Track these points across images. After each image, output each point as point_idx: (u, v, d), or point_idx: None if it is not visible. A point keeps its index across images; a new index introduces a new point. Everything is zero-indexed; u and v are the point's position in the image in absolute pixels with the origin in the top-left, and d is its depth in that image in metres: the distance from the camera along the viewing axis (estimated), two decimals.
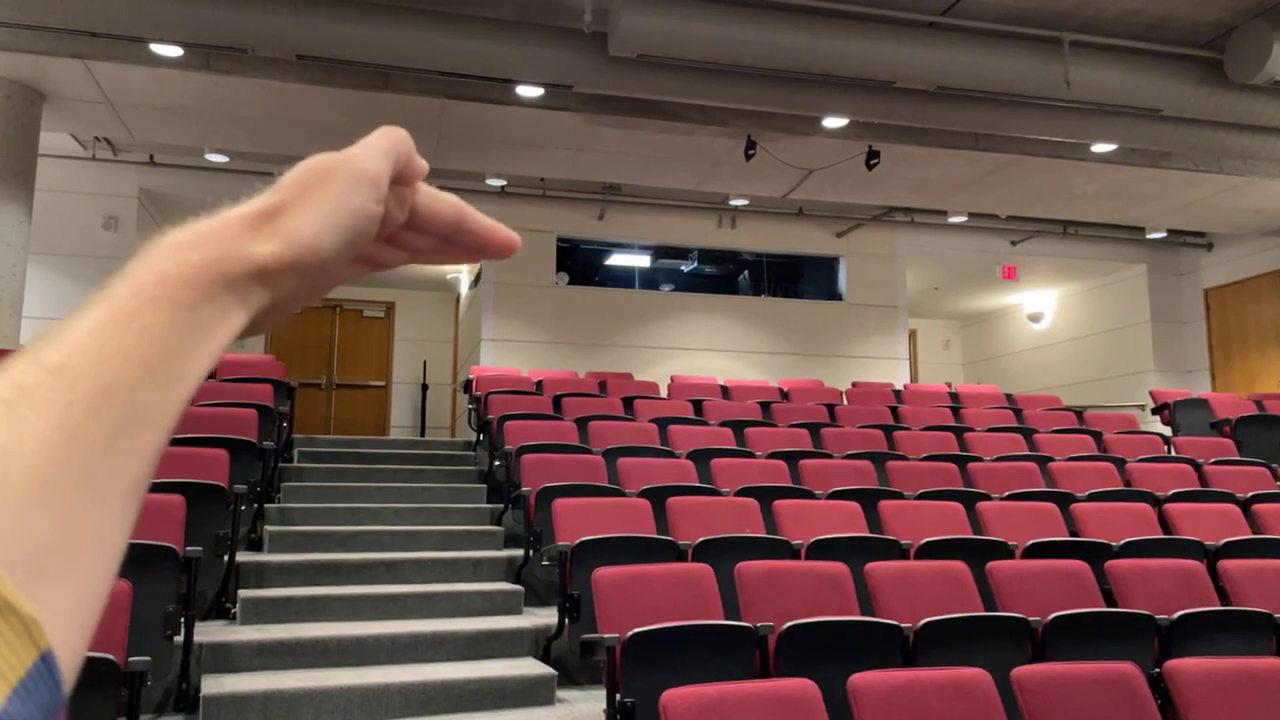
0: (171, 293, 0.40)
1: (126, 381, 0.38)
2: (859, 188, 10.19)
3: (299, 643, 4.57)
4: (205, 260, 0.42)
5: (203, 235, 0.43)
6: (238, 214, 0.44)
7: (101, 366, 0.37)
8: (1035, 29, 7.25)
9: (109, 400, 0.37)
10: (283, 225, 0.45)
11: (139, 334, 0.39)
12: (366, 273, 0.53)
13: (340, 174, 0.47)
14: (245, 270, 0.43)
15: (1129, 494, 6.61)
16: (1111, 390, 13.22)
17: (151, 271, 0.41)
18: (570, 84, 7.44)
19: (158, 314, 0.40)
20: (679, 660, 3.66)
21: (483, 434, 8.06)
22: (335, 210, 0.46)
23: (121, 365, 0.38)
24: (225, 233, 0.43)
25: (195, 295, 0.41)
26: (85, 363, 0.37)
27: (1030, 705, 3.23)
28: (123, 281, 0.40)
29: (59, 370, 0.36)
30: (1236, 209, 10.86)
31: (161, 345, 0.39)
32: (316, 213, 0.46)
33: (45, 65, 7.42)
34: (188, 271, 0.41)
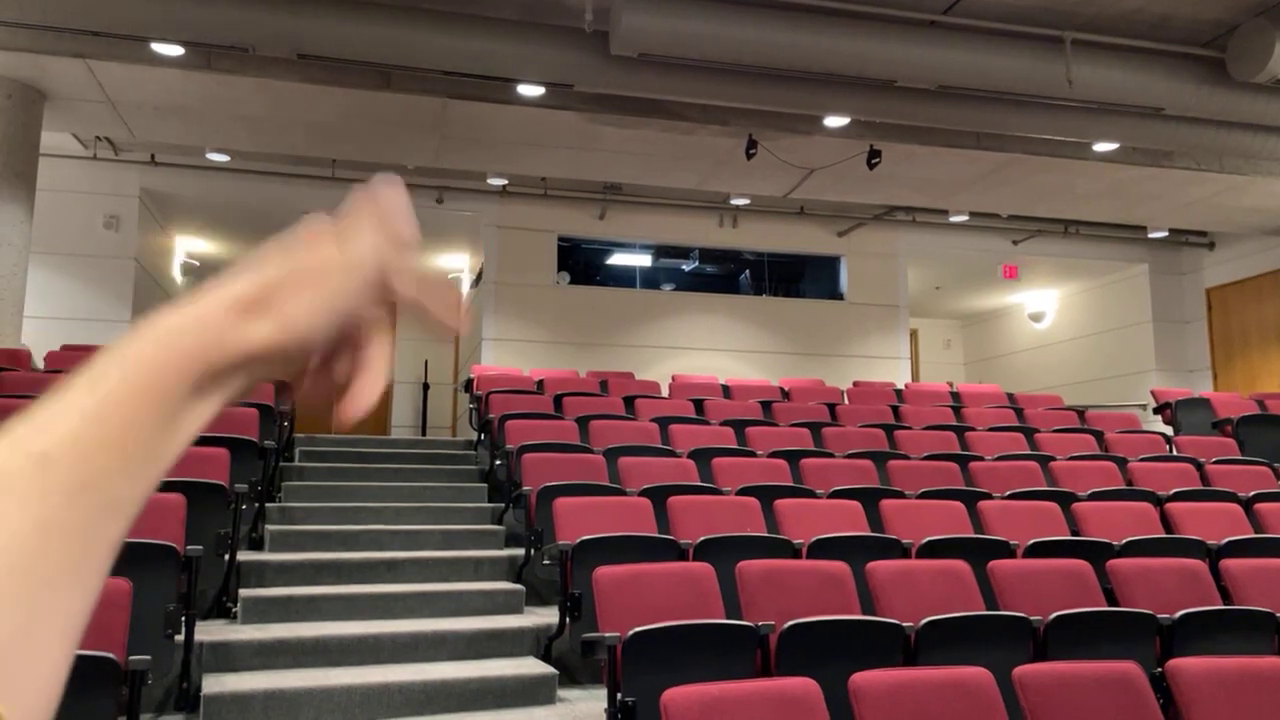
0: (159, 381, 0.41)
1: (105, 473, 0.39)
2: (860, 187, 10.19)
3: (300, 642, 4.57)
4: (196, 347, 0.42)
5: (196, 320, 0.43)
6: (229, 296, 0.44)
7: (83, 458, 0.38)
8: (1037, 28, 7.24)
9: (86, 492, 0.38)
10: (276, 311, 0.44)
11: (123, 425, 0.39)
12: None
13: (337, 273, 0.47)
14: (233, 358, 0.43)
15: (1131, 493, 6.60)
16: (1113, 390, 13.21)
17: (142, 356, 0.41)
18: (571, 83, 7.44)
19: (143, 403, 0.40)
20: (680, 659, 3.65)
21: (484, 433, 8.06)
22: (331, 309, 0.46)
23: (102, 456, 0.39)
24: (217, 318, 0.43)
25: (181, 384, 0.41)
26: (67, 453, 0.38)
27: (1032, 705, 3.22)
28: (113, 364, 0.40)
29: (41, 460, 0.37)
30: (1238, 208, 10.85)
31: (143, 436, 0.40)
32: (312, 306, 0.46)
33: (46, 64, 7.42)
34: (177, 359, 0.41)
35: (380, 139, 8.93)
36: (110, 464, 0.39)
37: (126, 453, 0.39)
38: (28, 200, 7.92)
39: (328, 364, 0.50)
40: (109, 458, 0.39)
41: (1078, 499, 6.34)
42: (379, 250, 0.49)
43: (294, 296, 0.45)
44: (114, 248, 10.11)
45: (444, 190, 10.92)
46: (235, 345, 0.43)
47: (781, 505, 5.59)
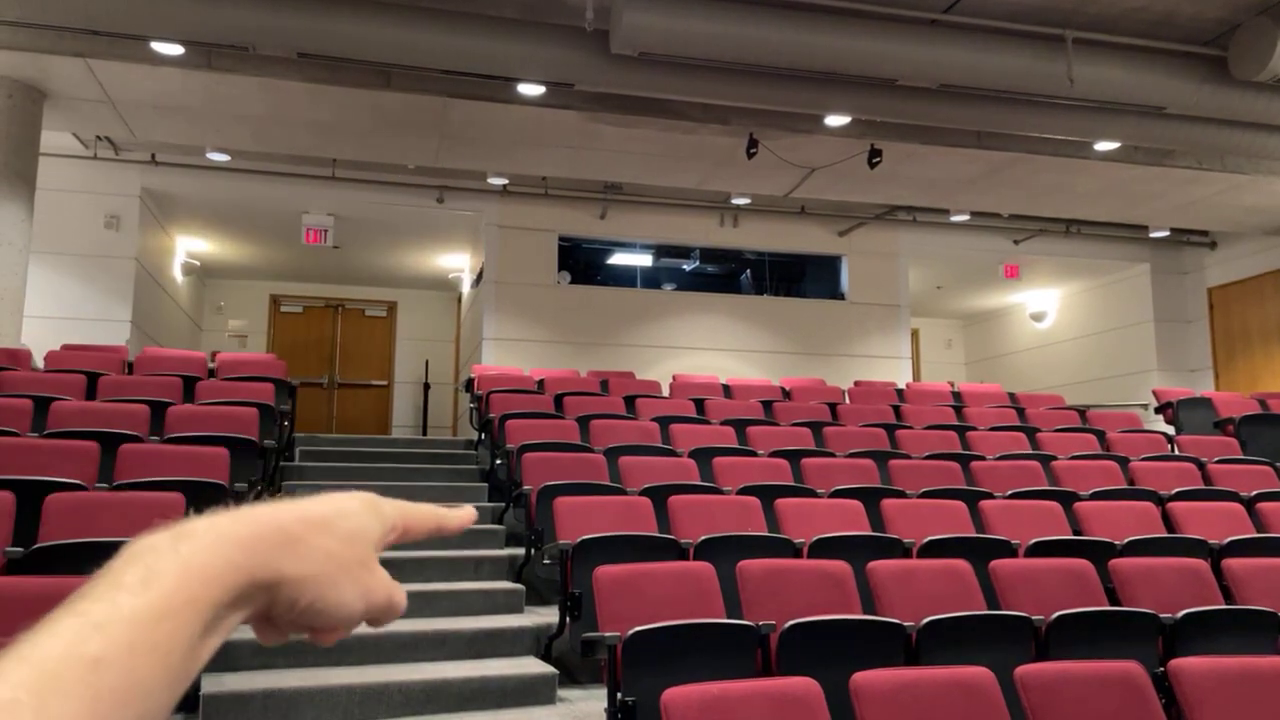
0: (207, 592, 0.43)
1: (149, 683, 0.40)
2: (861, 186, 10.18)
3: (299, 641, 4.54)
4: (245, 563, 0.44)
5: (248, 535, 0.45)
6: (273, 523, 0.47)
7: (131, 664, 0.39)
8: (1038, 26, 7.23)
9: (130, 697, 0.39)
10: (310, 551, 0.48)
11: (170, 634, 0.41)
12: None
13: (353, 563, 0.50)
14: (268, 579, 0.45)
15: (1132, 493, 6.59)
16: (1115, 389, 13.19)
17: (194, 564, 0.43)
18: (572, 82, 7.43)
19: (189, 615, 0.42)
20: (680, 659, 3.64)
21: (484, 433, 8.05)
22: (341, 592, 0.49)
23: (148, 666, 0.40)
24: (265, 539, 0.46)
25: (224, 597, 0.43)
26: (119, 659, 0.39)
27: (1033, 704, 3.21)
28: (167, 564, 0.42)
29: (95, 666, 0.38)
30: (1240, 207, 10.83)
31: (184, 646, 0.41)
32: (342, 558, 0.49)
33: (46, 64, 7.41)
34: (227, 572, 0.44)
35: (381, 138, 8.93)
36: (155, 674, 0.40)
37: (170, 663, 0.41)
38: (28, 200, 7.91)
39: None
40: (154, 668, 0.40)
41: (1079, 498, 6.33)
42: (376, 509, 0.53)
43: (323, 541, 0.48)
44: (114, 247, 10.10)
45: (444, 190, 10.91)
46: (275, 570, 0.46)
47: (782, 505, 5.58)
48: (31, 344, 8.12)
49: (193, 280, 13.04)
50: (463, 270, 13.28)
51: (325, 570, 0.48)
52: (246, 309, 14.06)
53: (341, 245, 12.03)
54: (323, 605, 0.48)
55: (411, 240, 12.17)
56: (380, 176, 10.74)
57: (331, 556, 0.48)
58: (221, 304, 13.98)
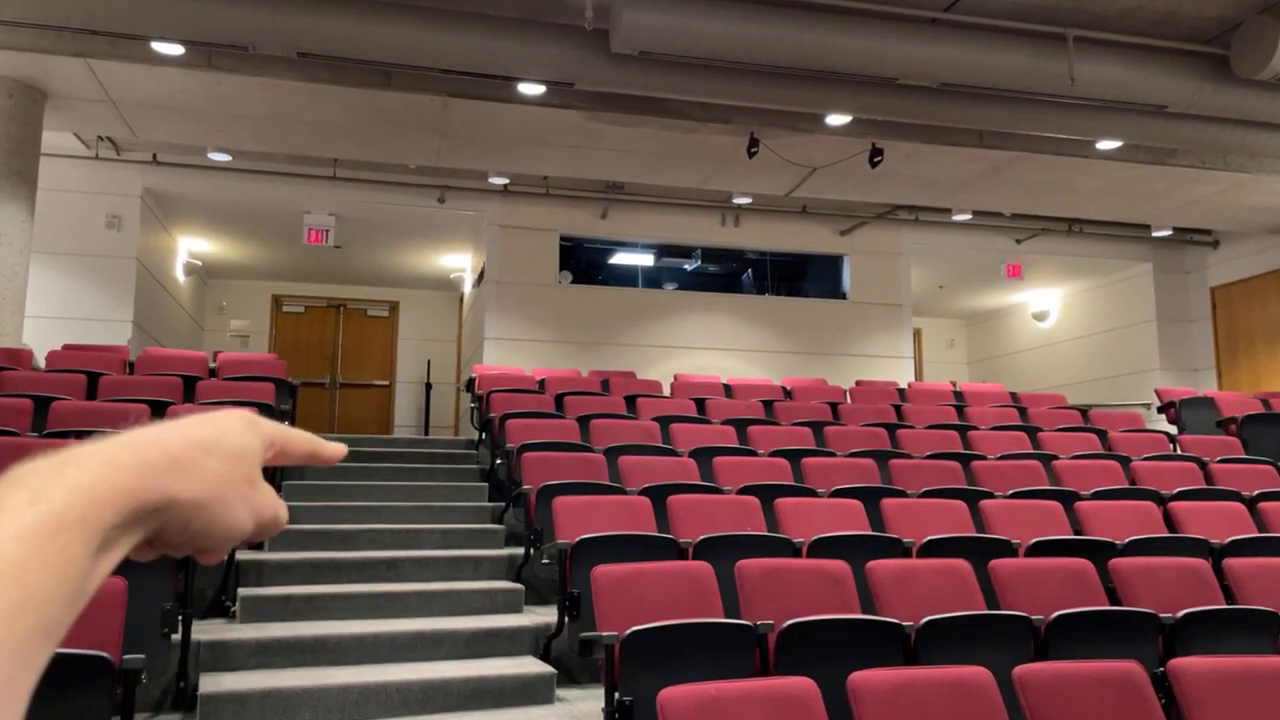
0: (97, 513, 0.42)
1: (43, 595, 0.39)
2: (863, 185, 10.16)
3: (298, 641, 4.55)
4: (134, 487, 0.44)
5: (135, 462, 0.45)
6: (158, 447, 0.47)
7: (25, 578, 0.39)
8: (1039, 25, 7.21)
9: (24, 610, 0.38)
10: (198, 474, 0.48)
11: (62, 550, 0.40)
12: None
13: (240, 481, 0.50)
14: (157, 503, 0.45)
15: (1134, 492, 6.57)
16: (1117, 389, 13.17)
17: (83, 483, 0.43)
18: (572, 81, 7.42)
19: (82, 533, 0.42)
20: (678, 658, 3.63)
21: (485, 432, 8.05)
22: (232, 512, 0.50)
23: (41, 578, 0.39)
24: (152, 465, 0.46)
25: (115, 520, 0.43)
26: (10, 571, 0.38)
27: (1032, 704, 3.19)
28: (56, 483, 0.42)
29: None
30: (1243, 206, 10.80)
31: (78, 563, 0.41)
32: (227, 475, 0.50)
33: (47, 64, 7.42)
34: (116, 496, 0.43)
35: (381, 138, 8.93)
36: (49, 588, 0.39)
37: (64, 578, 0.40)
38: (29, 200, 7.92)
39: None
40: (48, 582, 0.39)
41: (1080, 498, 6.31)
42: (256, 428, 0.54)
43: (209, 463, 0.48)
44: (116, 247, 10.11)
45: (445, 190, 10.91)
46: (162, 492, 0.45)
47: (782, 504, 5.57)
48: (32, 344, 8.12)
49: (194, 280, 13.05)
50: (464, 270, 13.28)
51: (215, 491, 0.48)
52: (248, 309, 14.07)
53: (343, 245, 12.03)
54: (214, 526, 0.48)
55: (413, 240, 12.17)
56: (381, 176, 10.74)
57: (219, 477, 0.48)
58: (223, 304, 13.99)
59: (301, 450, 0.57)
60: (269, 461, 0.55)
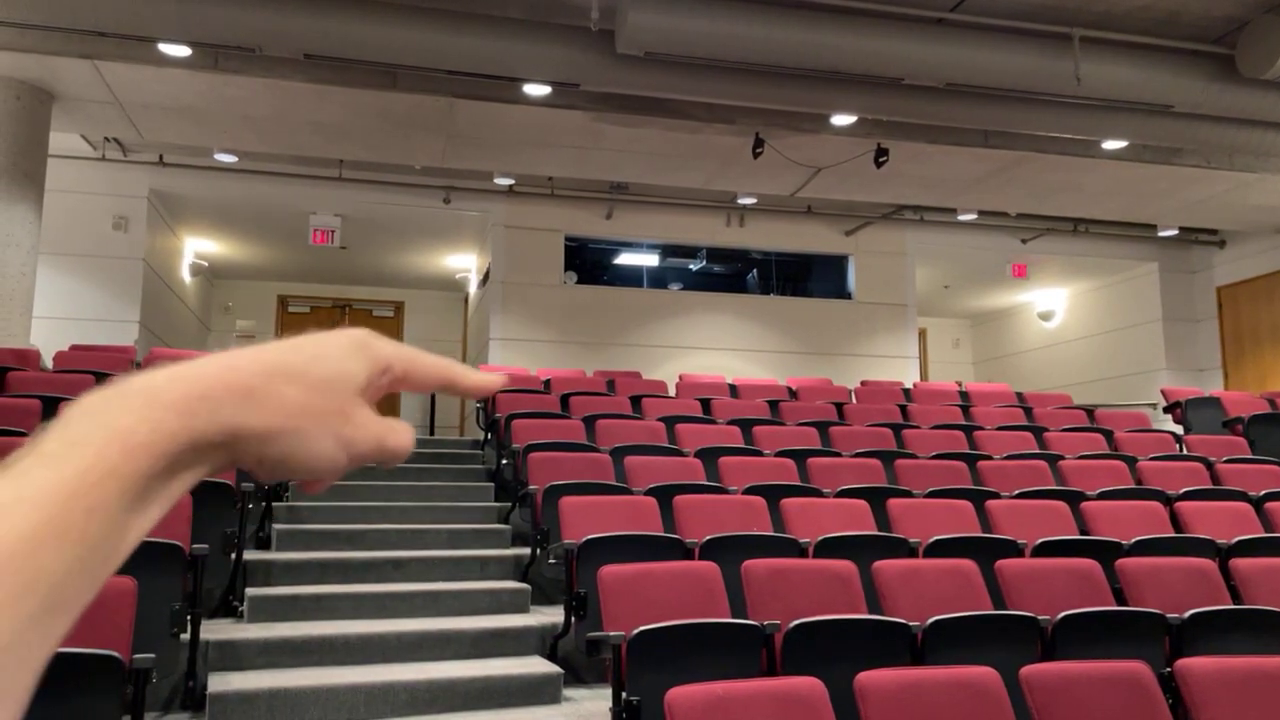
0: (129, 462, 0.37)
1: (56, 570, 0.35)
2: (868, 186, 10.16)
3: (306, 640, 4.57)
4: (179, 428, 0.39)
5: (186, 396, 0.40)
6: (223, 377, 0.41)
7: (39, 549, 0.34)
8: (1044, 25, 7.20)
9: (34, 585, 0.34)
10: (271, 402, 0.42)
11: (87, 513, 0.36)
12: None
13: (328, 412, 0.44)
14: (216, 438, 0.40)
15: (1140, 492, 6.56)
16: (1123, 389, 13.15)
17: (120, 429, 0.37)
18: (577, 82, 7.43)
19: (111, 488, 0.36)
20: (685, 658, 3.64)
21: (491, 433, 8.06)
22: (314, 444, 0.44)
23: (54, 552, 0.35)
24: (208, 398, 0.40)
25: (152, 467, 0.38)
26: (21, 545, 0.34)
27: (1039, 704, 3.20)
28: (92, 428, 0.37)
29: None
30: (1249, 206, 10.78)
31: (106, 525, 0.36)
32: (306, 433, 0.44)
33: (54, 65, 7.44)
34: (156, 440, 0.38)
35: (387, 139, 8.94)
36: (62, 561, 0.35)
37: (83, 547, 0.36)
38: (36, 201, 7.95)
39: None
40: (62, 555, 0.35)
41: (1087, 498, 6.30)
42: (365, 350, 0.47)
43: (287, 391, 0.43)
44: (122, 248, 10.14)
45: (451, 190, 10.92)
46: (223, 425, 0.40)
47: (788, 504, 5.57)
48: (40, 344, 8.15)
49: (200, 281, 13.08)
50: (469, 270, 13.30)
51: (288, 423, 0.42)
52: (254, 309, 14.10)
53: (348, 246, 12.05)
54: (293, 459, 0.43)
55: (418, 240, 12.19)
56: (387, 177, 10.76)
57: (299, 406, 0.43)
58: (229, 304, 14.02)
59: (432, 377, 0.49)
60: (389, 388, 0.48)
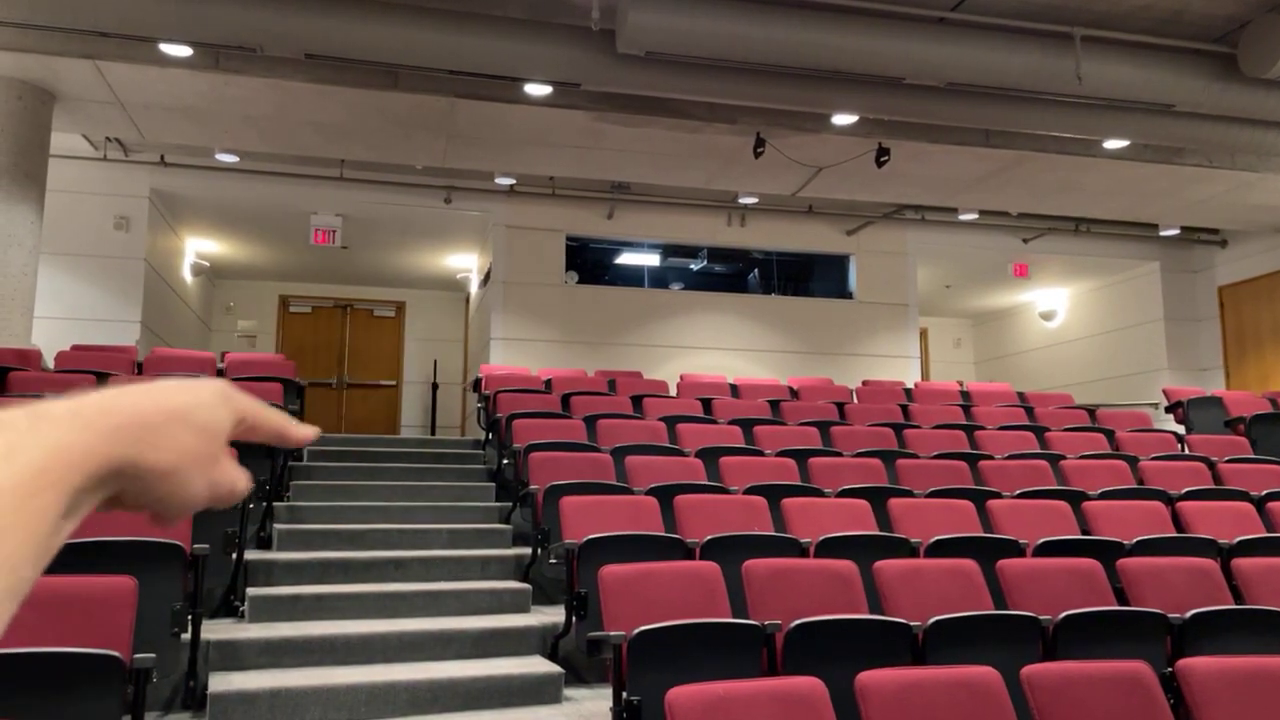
0: (69, 476, 0.42)
1: (15, 556, 0.39)
2: (869, 185, 10.15)
3: (307, 640, 4.57)
4: (106, 452, 0.44)
5: (110, 425, 0.45)
6: (134, 411, 0.46)
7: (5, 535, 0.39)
8: (1046, 24, 7.20)
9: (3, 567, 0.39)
10: (167, 441, 0.48)
11: (37, 512, 0.40)
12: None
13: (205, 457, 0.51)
14: (124, 469, 0.45)
15: (1142, 492, 6.56)
16: (1124, 389, 13.14)
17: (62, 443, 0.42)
18: (578, 82, 7.43)
19: (54, 495, 0.41)
20: (686, 658, 3.64)
21: (492, 432, 8.06)
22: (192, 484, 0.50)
23: (15, 539, 0.39)
24: (126, 429, 0.46)
25: (84, 483, 0.43)
26: None
27: (1041, 704, 3.19)
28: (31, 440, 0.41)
29: None
30: (1250, 205, 10.77)
31: (49, 525, 0.41)
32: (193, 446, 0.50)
33: (56, 65, 7.45)
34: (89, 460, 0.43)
35: (388, 139, 8.94)
36: (21, 549, 0.39)
37: (35, 540, 0.40)
38: (38, 201, 7.95)
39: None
40: (21, 542, 0.39)
41: (1088, 498, 6.30)
42: (229, 402, 0.54)
43: (180, 434, 0.48)
44: (124, 248, 10.15)
45: (452, 190, 10.93)
46: (132, 458, 0.45)
47: (789, 504, 5.57)
48: (42, 344, 8.16)
49: (202, 281, 13.09)
50: (470, 270, 13.30)
51: (180, 463, 0.48)
52: (255, 309, 14.11)
53: (350, 246, 12.06)
54: (173, 497, 0.49)
55: (419, 240, 12.19)
56: (388, 177, 10.76)
57: (186, 450, 0.48)
58: (231, 304, 14.03)
59: (270, 429, 0.57)
60: (237, 436, 0.55)
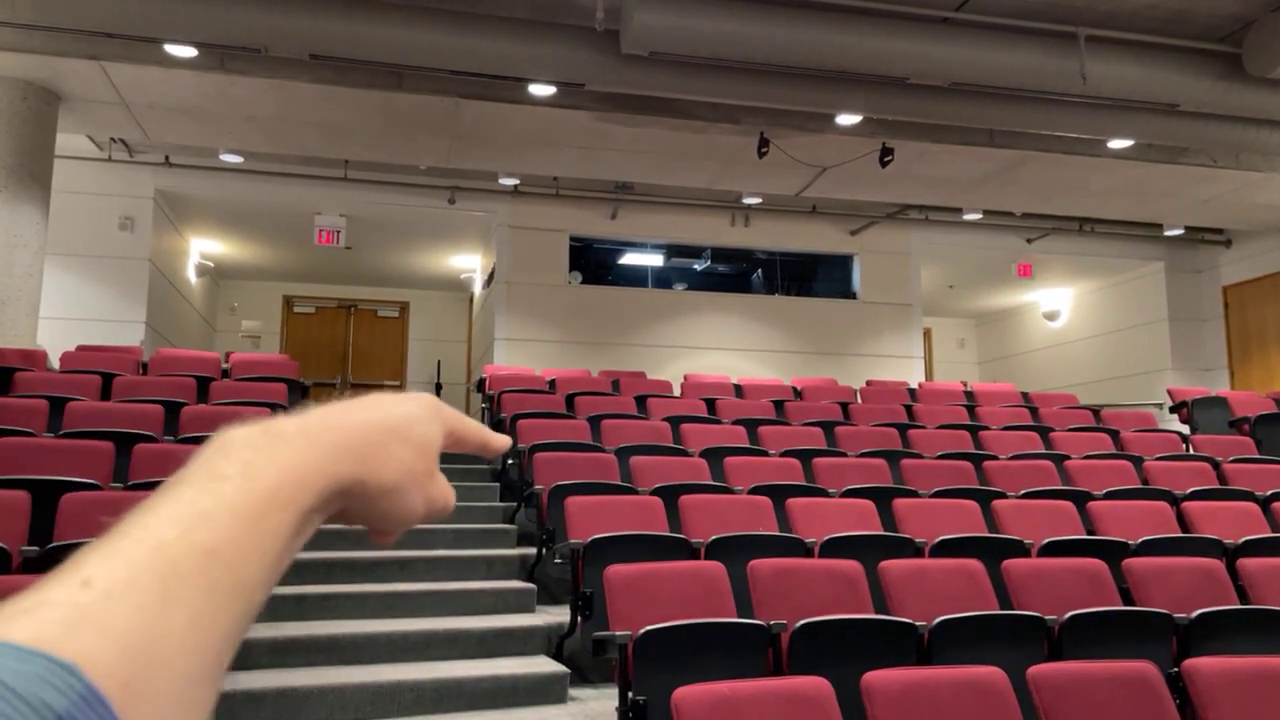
0: (301, 495, 0.43)
1: (251, 578, 0.40)
2: (873, 185, 10.15)
3: (312, 640, 4.58)
4: (335, 471, 0.45)
5: (337, 443, 0.46)
6: (358, 430, 0.47)
7: (238, 558, 0.39)
8: (1050, 24, 7.19)
9: (239, 592, 0.39)
10: (388, 460, 0.48)
11: (269, 534, 0.41)
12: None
13: (423, 472, 0.51)
14: (351, 487, 0.46)
15: (1147, 492, 6.55)
16: (1129, 388, 13.12)
17: (293, 465, 0.43)
18: (582, 82, 7.43)
19: (286, 516, 0.42)
20: (691, 658, 3.64)
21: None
22: (411, 499, 0.50)
23: (255, 561, 0.40)
24: (352, 448, 0.46)
25: (314, 502, 0.44)
26: (227, 549, 0.39)
27: (1046, 704, 3.19)
28: (266, 461, 0.42)
29: (210, 555, 0.38)
30: (1255, 205, 10.75)
31: (281, 546, 0.42)
32: (413, 467, 0.50)
33: (61, 66, 7.46)
34: (320, 479, 0.44)
35: (393, 139, 8.95)
36: (257, 570, 0.40)
37: (268, 561, 0.41)
38: (43, 202, 7.97)
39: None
40: (257, 564, 0.40)
41: (1093, 498, 6.30)
42: (440, 416, 0.54)
43: (401, 451, 0.49)
44: (129, 249, 10.17)
45: (456, 190, 10.93)
46: (358, 476, 0.46)
47: (794, 504, 5.57)
48: (47, 345, 8.17)
49: (206, 281, 13.11)
50: (474, 270, 13.31)
51: (402, 480, 0.48)
52: (260, 310, 14.13)
53: (354, 246, 12.07)
54: (395, 513, 0.49)
55: (423, 241, 12.20)
56: (392, 177, 10.77)
57: (406, 466, 0.49)
58: (235, 305, 14.05)
59: (475, 441, 0.57)
60: (445, 449, 0.55)
